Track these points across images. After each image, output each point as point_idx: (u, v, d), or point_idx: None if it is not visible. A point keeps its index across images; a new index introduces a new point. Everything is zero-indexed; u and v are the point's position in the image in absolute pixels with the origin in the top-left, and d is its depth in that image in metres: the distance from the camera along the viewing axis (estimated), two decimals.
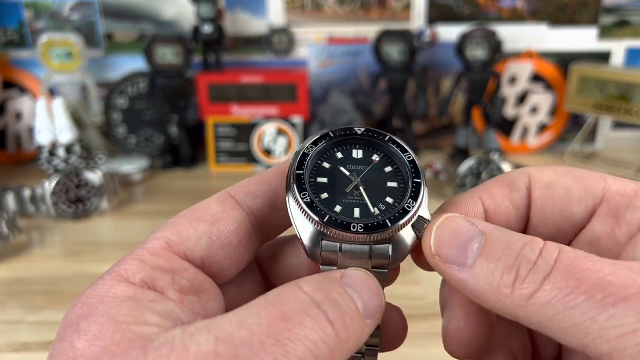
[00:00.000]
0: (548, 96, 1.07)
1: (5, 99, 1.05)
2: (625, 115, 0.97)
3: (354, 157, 0.26)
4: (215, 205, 0.24)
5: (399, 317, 0.25)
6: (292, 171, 0.24)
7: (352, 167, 0.25)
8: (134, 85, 1.05)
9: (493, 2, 1.05)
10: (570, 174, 0.24)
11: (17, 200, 0.76)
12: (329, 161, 0.25)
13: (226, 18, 1.06)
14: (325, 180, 0.25)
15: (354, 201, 0.24)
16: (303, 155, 0.25)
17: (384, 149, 0.26)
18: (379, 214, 0.24)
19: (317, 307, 0.19)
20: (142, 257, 0.21)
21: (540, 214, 0.24)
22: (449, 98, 1.02)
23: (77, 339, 0.18)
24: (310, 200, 0.23)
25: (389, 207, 0.24)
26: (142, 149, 1.07)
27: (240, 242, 0.24)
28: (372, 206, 0.24)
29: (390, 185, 0.25)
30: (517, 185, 0.25)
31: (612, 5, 1.05)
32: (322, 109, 1.04)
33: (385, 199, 0.24)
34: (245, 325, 0.18)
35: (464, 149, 1.03)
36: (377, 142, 0.26)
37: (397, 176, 0.25)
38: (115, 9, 1.05)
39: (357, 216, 0.24)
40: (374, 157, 0.26)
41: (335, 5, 1.06)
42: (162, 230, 0.23)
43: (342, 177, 0.25)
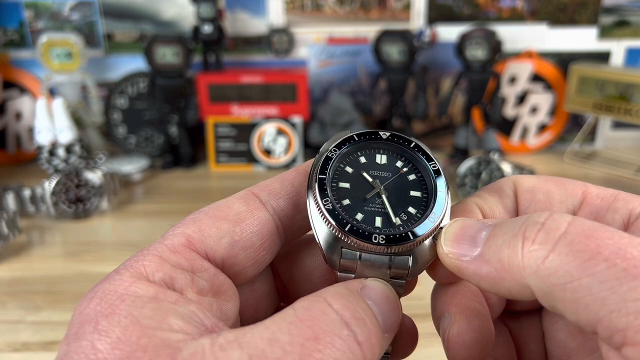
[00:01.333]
0: (548, 96, 1.07)
1: (5, 99, 1.05)
2: (625, 115, 0.97)
3: (377, 162, 0.25)
4: (239, 204, 0.23)
5: (411, 325, 0.25)
6: (315, 175, 0.24)
7: (375, 173, 0.25)
8: (134, 85, 1.05)
9: (493, 2, 1.05)
10: (552, 181, 0.25)
11: (17, 200, 0.76)
12: (352, 165, 0.25)
13: (226, 18, 1.06)
14: (347, 185, 0.24)
15: (375, 209, 0.24)
16: (326, 158, 0.24)
17: (409, 156, 0.25)
18: (401, 225, 0.23)
19: (348, 328, 0.18)
20: (162, 254, 0.21)
21: None
22: (449, 98, 1.03)
23: (98, 339, 0.17)
24: (332, 207, 0.23)
25: (411, 217, 0.24)
26: (142, 149, 1.07)
27: (263, 243, 0.23)
28: (394, 216, 0.23)
29: (413, 195, 0.24)
30: (506, 192, 0.25)
31: (612, 5, 1.05)
32: (322, 109, 1.04)
33: (408, 209, 0.24)
34: (278, 344, 0.17)
35: (464, 149, 1.03)
36: (402, 148, 0.25)
37: (421, 185, 0.25)
38: (115, 9, 1.05)
39: (379, 225, 0.23)
40: (398, 163, 0.25)
41: (335, 6, 1.06)
42: (183, 227, 0.22)
43: (365, 184, 0.24)
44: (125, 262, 0.20)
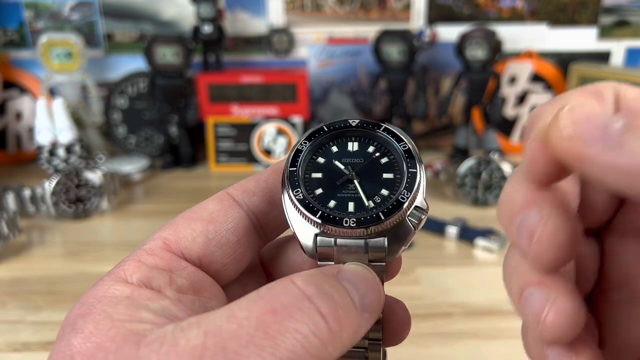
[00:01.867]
0: (548, 96, 1.07)
1: (5, 99, 1.05)
2: None
3: (349, 150, 0.25)
4: (212, 205, 0.24)
5: (402, 310, 0.25)
6: (286, 168, 0.24)
7: (347, 161, 0.25)
8: (134, 85, 1.05)
9: (493, 2, 1.05)
10: None
11: (17, 200, 0.76)
12: (324, 156, 0.25)
13: (226, 18, 1.06)
14: (319, 175, 0.25)
15: (348, 195, 0.24)
16: (297, 151, 0.25)
17: (380, 140, 0.26)
18: (373, 207, 0.23)
19: (308, 300, 0.18)
20: (140, 258, 0.22)
21: None
22: (449, 98, 1.03)
23: (74, 337, 0.18)
24: (303, 197, 0.23)
25: (384, 199, 0.24)
26: (142, 149, 1.07)
27: (239, 240, 0.24)
28: (366, 199, 0.24)
29: (386, 177, 0.25)
30: (605, 97, 0.20)
31: (612, 5, 1.05)
32: (322, 109, 1.04)
33: (381, 192, 0.24)
34: (235, 319, 0.18)
35: (463, 149, 1.03)
36: (373, 132, 0.26)
37: (394, 167, 0.25)
38: (115, 9, 1.05)
39: (352, 210, 0.23)
40: (370, 148, 0.25)
41: (335, 6, 1.06)
42: (161, 231, 0.23)
43: (337, 172, 0.25)
44: (109, 270, 0.21)
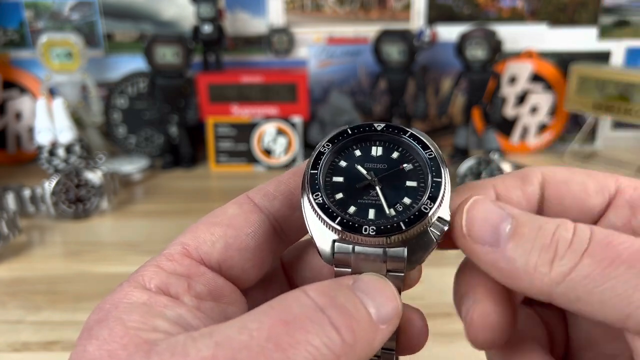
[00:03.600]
0: (548, 96, 1.07)
1: (5, 99, 1.05)
2: (625, 115, 0.97)
3: (373, 154, 0.25)
4: (232, 209, 0.24)
5: (419, 320, 0.24)
6: (307, 171, 0.23)
7: (370, 166, 0.24)
8: (134, 85, 1.05)
9: (493, 2, 1.05)
10: (582, 172, 0.25)
11: (17, 200, 0.76)
12: (346, 159, 0.24)
13: (226, 18, 1.06)
14: (341, 179, 0.24)
15: (370, 202, 0.23)
16: (319, 154, 0.24)
17: (405, 146, 0.25)
18: (395, 216, 0.23)
19: (321, 312, 0.18)
20: (160, 263, 0.21)
21: (558, 207, 0.24)
22: (449, 98, 1.03)
23: (89, 343, 0.19)
24: (323, 202, 0.22)
25: (406, 208, 0.23)
26: (142, 149, 1.07)
27: (259, 245, 0.23)
28: (387, 207, 0.23)
29: (409, 185, 0.24)
30: (530, 180, 0.25)
31: (612, 5, 1.05)
32: (322, 109, 1.04)
33: (403, 200, 0.23)
34: (246, 330, 0.17)
35: (464, 149, 1.03)
36: (398, 138, 0.25)
37: (418, 175, 0.24)
38: (115, 9, 1.05)
39: (372, 218, 0.23)
40: (394, 154, 0.25)
41: (335, 6, 1.06)
42: (181, 237, 0.23)
43: (359, 177, 0.24)
44: (129, 276, 0.21)
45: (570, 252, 0.19)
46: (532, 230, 0.20)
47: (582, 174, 0.25)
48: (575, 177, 0.24)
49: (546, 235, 0.19)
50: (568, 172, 0.25)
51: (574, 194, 0.24)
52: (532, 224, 0.20)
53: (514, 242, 0.20)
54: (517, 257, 0.20)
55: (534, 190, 0.25)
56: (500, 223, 0.20)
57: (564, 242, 0.19)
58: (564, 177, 0.25)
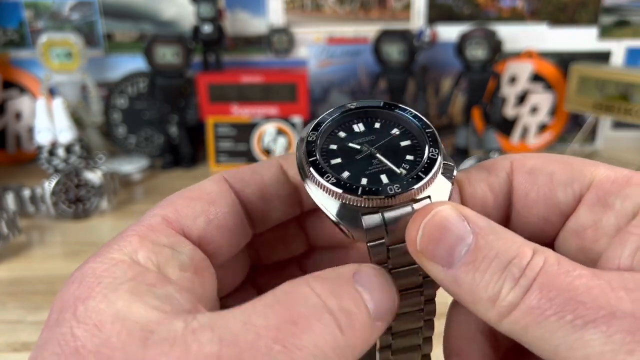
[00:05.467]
0: (548, 96, 1.07)
1: (5, 99, 1.05)
2: (625, 115, 0.97)
3: (357, 131, 0.25)
4: (211, 186, 0.24)
5: None
6: (304, 159, 0.23)
7: (360, 140, 0.24)
8: (134, 85, 1.05)
9: (493, 2, 1.05)
10: (557, 160, 0.23)
11: (17, 200, 0.76)
12: (335, 143, 0.25)
13: (226, 18, 1.06)
14: (339, 160, 0.24)
15: (377, 169, 0.23)
16: (308, 143, 0.24)
17: (384, 115, 0.25)
18: (407, 173, 0.23)
19: (330, 314, 0.18)
20: (141, 233, 0.21)
21: (523, 201, 0.23)
22: (449, 98, 1.02)
23: (76, 326, 0.17)
24: (337, 180, 0.22)
25: (414, 163, 0.23)
26: (142, 149, 1.07)
27: (236, 224, 0.24)
28: (396, 168, 0.23)
29: (405, 145, 0.24)
30: (497, 170, 0.24)
31: (612, 5, 1.05)
32: (322, 109, 1.04)
33: (406, 158, 0.23)
34: (253, 327, 0.17)
35: (464, 149, 1.03)
36: (375, 110, 0.25)
37: (408, 135, 0.24)
38: (115, 9, 1.05)
39: (386, 181, 0.22)
40: (376, 125, 0.25)
41: (335, 5, 1.06)
42: (159, 209, 0.22)
43: (356, 152, 0.24)
44: (107, 244, 0.21)
45: (514, 292, 0.18)
46: (485, 259, 0.19)
47: (555, 162, 0.23)
48: (545, 165, 0.23)
49: (498, 268, 0.19)
50: (539, 159, 0.23)
51: (540, 186, 0.23)
52: (489, 250, 0.19)
53: (466, 268, 0.19)
54: (466, 284, 0.19)
55: (500, 182, 0.23)
56: (457, 244, 0.19)
57: (510, 281, 0.18)
58: (533, 165, 0.23)
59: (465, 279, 0.19)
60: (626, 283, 0.17)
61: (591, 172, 0.22)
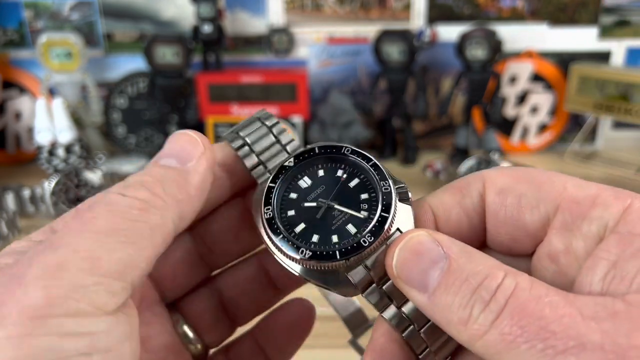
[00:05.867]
0: (548, 96, 1.07)
1: (5, 99, 1.05)
2: (625, 115, 0.96)
3: (305, 187, 0.25)
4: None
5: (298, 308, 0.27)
6: (271, 238, 0.23)
7: (313, 196, 0.25)
8: (134, 85, 1.05)
9: (493, 2, 1.05)
10: (526, 180, 0.23)
11: (17, 200, 0.76)
12: (291, 207, 0.25)
13: (226, 18, 1.06)
14: (303, 225, 0.24)
15: (341, 221, 0.24)
16: (268, 220, 0.24)
17: (322, 160, 0.26)
18: (369, 214, 0.24)
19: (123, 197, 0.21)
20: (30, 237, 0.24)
21: (493, 221, 0.24)
22: (449, 98, 1.02)
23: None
24: (313, 252, 0.23)
25: (370, 202, 0.24)
26: (142, 149, 1.07)
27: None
28: (358, 213, 0.24)
29: (354, 185, 0.25)
30: (470, 192, 0.24)
31: (612, 5, 1.05)
32: (322, 109, 1.04)
33: (361, 197, 0.24)
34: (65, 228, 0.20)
35: (464, 149, 1.03)
36: (313, 159, 0.26)
37: (354, 174, 0.25)
38: (115, 9, 1.05)
39: (354, 231, 0.23)
40: (320, 172, 0.25)
41: (335, 5, 1.06)
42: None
43: (314, 210, 0.24)
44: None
45: (484, 315, 0.19)
46: (457, 281, 0.20)
47: (524, 182, 0.23)
48: (515, 185, 0.23)
49: (468, 290, 0.19)
50: (510, 178, 0.23)
51: (508, 207, 0.23)
52: (462, 272, 0.20)
53: (440, 291, 0.20)
54: (440, 307, 0.20)
55: (473, 203, 0.24)
56: (431, 267, 0.20)
57: (480, 303, 0.19)
58: (502, 185, 0.23)
59: (439, 302, 0.20)
60: (597, 311, 0.18)
61: (558, 194, 0.22)
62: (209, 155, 0.24)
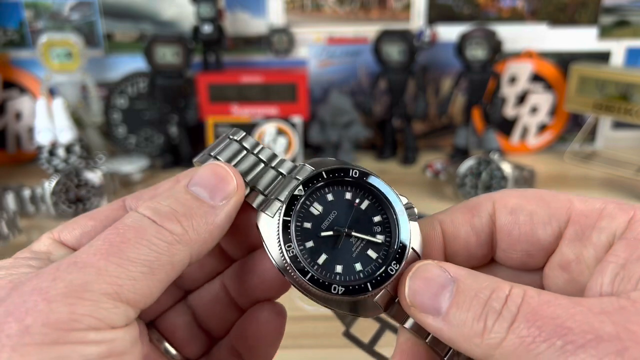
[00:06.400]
0: (548, 96, 1.07)
1: (5, 99, 1.05)
2: (625, 115, 0.96)
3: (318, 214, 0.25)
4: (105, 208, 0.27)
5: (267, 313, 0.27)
6: (301, 280, 0.23)
7: (327, 224, 0.25)
8: (134, 85, 1.05)
9: (493, 2, 1.05)
10: (535, 199, 0.24)
11: (17, 200, 0.76)
12: (309, 238, 0.24)
13: (226, 18, 1.06)
14: (325, 256, 0.24)
15: (360, 247, 0.24)
16: (292, 258, 0.24)
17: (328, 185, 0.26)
18: (386, 237, 0.25)
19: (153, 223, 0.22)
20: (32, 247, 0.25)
21: (507, 240, 0.25)
22: (449, 98, 1.02)
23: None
24: (345, 287, 0.23)
25: (384, 224, 0.25)
26: (142, 149, 1.07)
27: None
28: (374, 237, 0.25)
29: (365, 208, 0.25)
30: (480, 212, 0.25)
31: (612, 5, 1.05)
32: (322, 109, 1.04)
33: (374, 220, 0.25)
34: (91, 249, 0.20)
35: (464, 149, 1.03)
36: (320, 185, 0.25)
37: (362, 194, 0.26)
38: (115, 9, 1.05)
39: (374, 256, 0.24)
40: (329, 196, 0.26)
41: (335, 5, 1.06)
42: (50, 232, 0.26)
43: (333, 240, 0.24)
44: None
45: (499, 324, 0.19)
46: (467, 298, 0.21)
47: (534, 201, 0.24)
48: (525, 204, 0.24)
49: (479, 304, 0.20)
50: (520, 199, 0.25)
51: (521, 225, 0.24)
52: (470, 290, 0.21)
53: (453, 310, 0.21)
54: (455, 326, 0.21)
55: (482, 223, 0.25)
56: (441, 292, 0.21)
57: (493, 314, 0.20)
58: (514, 205, 0.25)
59: (453, 321, 0.21)
60: (604, 307, 0.19)
61: (567, 209, 0.24)
62: (239, 196, 0.24)
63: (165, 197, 0.23)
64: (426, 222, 0.26)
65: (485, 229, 0.25)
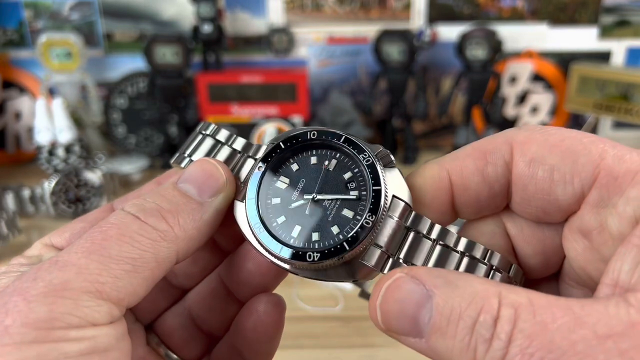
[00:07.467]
0: (548, 96, 1.07)
1: (5, 99, 1.05)
2: (625, 115, 0.96)
3: (284, 188, 0.24)
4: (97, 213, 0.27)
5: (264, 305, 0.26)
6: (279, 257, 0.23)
7: (296, 195, 0.24)
8: (134, 85, 1.05)
9: (493, 2, 1.05)
10: (560, 150, 0.21)
11: (17, 200, 0.76)
12: (280, 213, 0.24)
13: (226, 18, 1.06)
14: (299, 228, 0.23)
15: (334, 209, 0.23)
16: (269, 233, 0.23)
17: (289, 153, 0.25)
18: (359, 193, 0.23)
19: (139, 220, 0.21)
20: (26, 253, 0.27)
21: (522, 194, 0.22)
22: (449, 98, 1.02)
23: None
24: (321, 252, 0.22)
25: (356, 180, 0.23)
26: (142, 149, 1.07)
27: None
28: (347, 195, 0.23)
29: (334, 167, 0.24)
30: (495, 159, 0.22)
31: (612, 5, 1.05)
32: (322, 109, 1.04)
33: (344, 177, 0.23)
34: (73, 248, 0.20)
35: None
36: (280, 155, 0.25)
37: (327, 155, 0.24)
38: (115, 9, 1.05)
39: (349, 216, 0.23)
40: (293, 166, 0.24)
41: (335, 5, 1.06)
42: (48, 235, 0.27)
43: (303, 209, 0.23)
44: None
45: (490, 355, 0.17)
46: (451, 324, 0.18)
47: (559, 153, 0.21)
48: (547, 157, 0.21)
49: (465, 330, 0.18)
50: (543, 148, 0.21)
51: (539, 181, 0.21)
52: (451, 312, 0.18)
53: (436, 336, 0.18)
54: (443, 351, 0.18)
55: (497, 172, 0.22)
56: (419, 312, 0.19)
57: (482, 344, 0.17)
58: (534, 155, 0.21)
59: (440, 347, 0.18)
60: (612, 326, 0.16)
61: (595, 166, 0.20)
62: (229, 193, 0.24)
63: (151, 194, 0.23)
64: (432, 170, 0.23)
65: (500, 179, 0.22)
